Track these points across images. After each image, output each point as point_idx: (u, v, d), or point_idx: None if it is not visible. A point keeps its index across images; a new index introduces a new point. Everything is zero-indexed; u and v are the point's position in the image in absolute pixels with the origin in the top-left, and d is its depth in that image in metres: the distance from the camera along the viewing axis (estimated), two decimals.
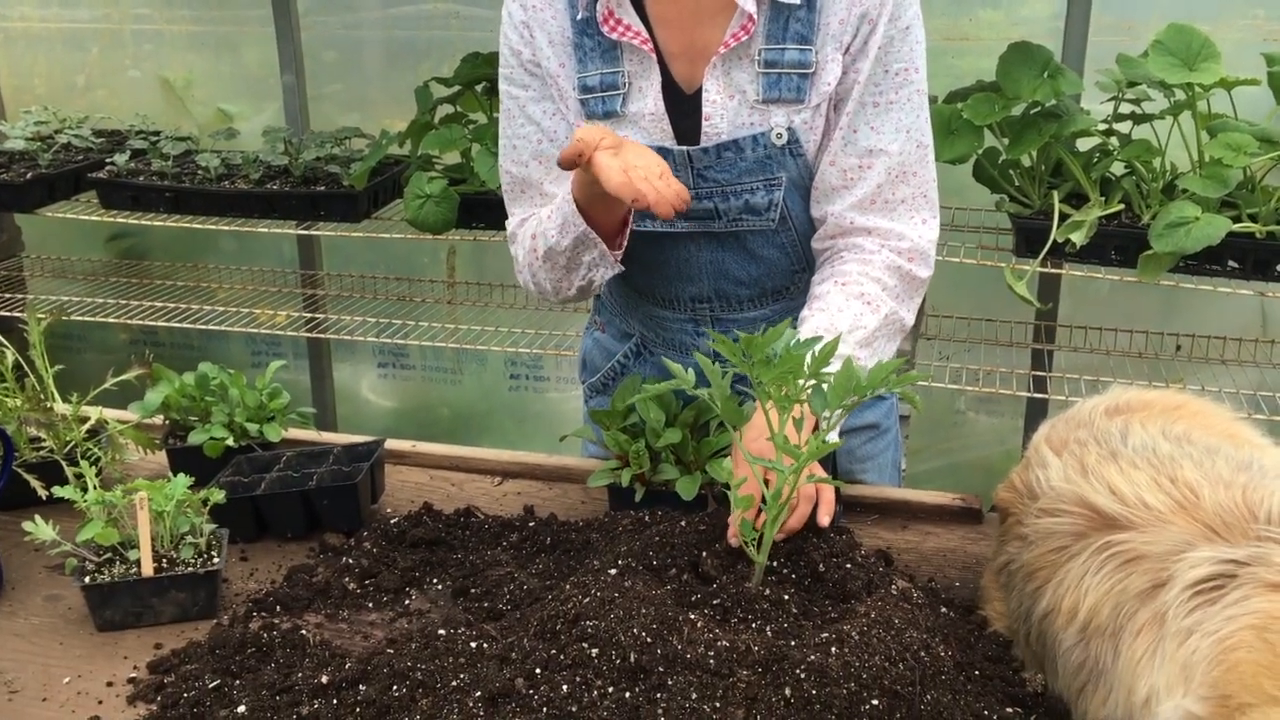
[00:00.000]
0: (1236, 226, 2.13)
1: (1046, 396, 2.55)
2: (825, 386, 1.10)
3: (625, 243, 1.49)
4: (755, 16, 1.40)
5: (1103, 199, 2.29)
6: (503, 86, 1.58)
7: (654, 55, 1.46)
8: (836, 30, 1.41)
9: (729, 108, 1.45)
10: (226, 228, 2.84)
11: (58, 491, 1.39)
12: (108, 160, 2.94)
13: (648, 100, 1.47)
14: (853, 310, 1.42)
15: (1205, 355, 2.68)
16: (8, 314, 3.00)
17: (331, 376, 3.62)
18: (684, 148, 1.47)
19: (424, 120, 2.65)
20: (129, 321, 3.01)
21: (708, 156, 1.47)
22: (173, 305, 3.08)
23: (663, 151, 1.47)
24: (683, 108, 1.47)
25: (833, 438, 1.20)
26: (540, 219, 1.54)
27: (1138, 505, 1.07)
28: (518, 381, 3.57)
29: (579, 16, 1.48)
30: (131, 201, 2.84)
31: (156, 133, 3.23)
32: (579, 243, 1.47)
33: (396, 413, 3.73)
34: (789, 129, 1.44)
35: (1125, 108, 2.36)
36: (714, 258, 1.56)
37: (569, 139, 1.54)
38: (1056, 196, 2.29)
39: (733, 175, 1.48)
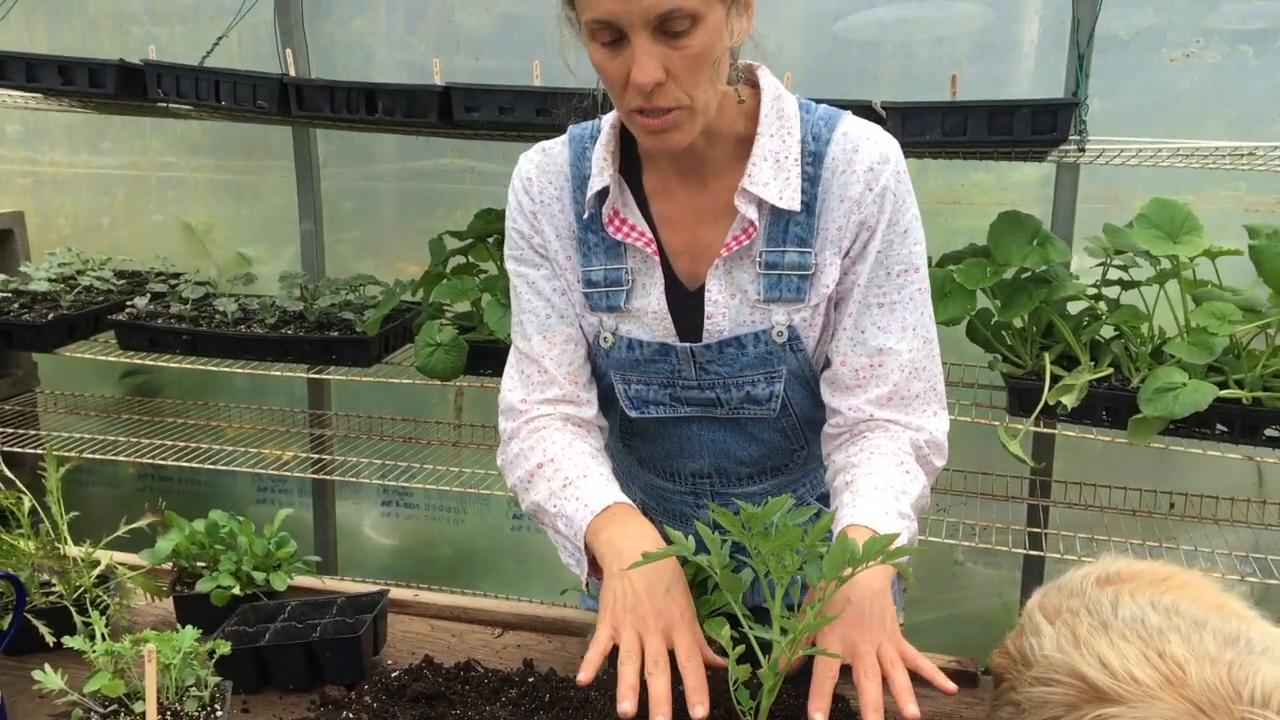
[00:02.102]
0: (1223, 392, 2.19)
1: (1042, 554, 2.57)
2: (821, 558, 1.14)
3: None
4: (756, 222, 1.45)
5: (1093, 362, 2.35)
6: (511, 266, 1.61)
7: (657, 256, 1.50)
8: (835, 236, 1.46)
9: (731, 306, 1.49)
10: (240, 370, 2.91)
11: (67, 641, 1.40)
12: (128, 303, 3.02)
13: (651, 298, 1.51)
14: (898, 477, 1.43)
15: (1199, 514, 2.71)
16: (19, 450, 3.04)
17: (334, 515, 3.64)
18: (687, 344, 1.51)
19: (436, 271, 2.74)
20: (138, 460, 3.05)
21: (710, 352, 1.51)
22: (182, 444, 3.12)
23: (665, 347, 1.52)
24: (685, 303, 1.51)
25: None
26: (554, 476, 1.49)
27: (1127, 679, 1.10)
28: (520, 521, 3.59)
29: (585, 215, 1.52)
30: (149, 343, 2.90)
31: (176, 275, 3.33)
32: (570, 547, 1.49)
33: (397, 551, 3.74)
34: (789, 326, 1.48)
35: (1113, 273, 2.45)
36: (715, 437, 1.60)
37: (576, 317, 1.58)
38: (1048, 358, 2.36)
39: (735, 369, 1.51)
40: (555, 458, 1.51)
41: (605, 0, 1.26)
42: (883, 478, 1.41)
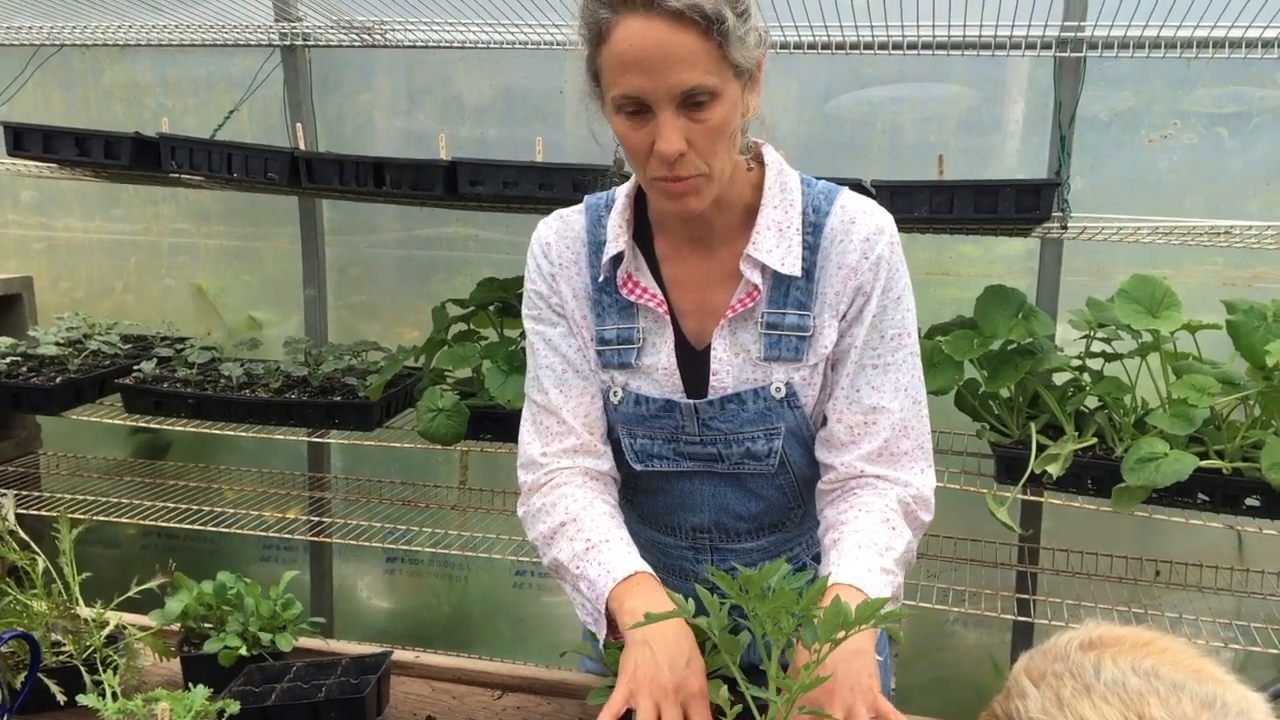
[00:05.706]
0: (1204, 463, 2.24)
1: (1031, 620, 2.61)
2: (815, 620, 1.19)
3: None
4: (760, 286, 1.53)
5: (1077, 432, 2.41)
6: (529, 325, 1.67)
7: (668, 317, 1.58)
8: (833, 300, 1.54)
9: (734, 364, 1.56)
10: (244, 434, 2.94)
11: (81, 699, 1.44)
12: (134, 367, 3.06)
13: (661, 356, 1.59)
14: (882, 534, 1.49)
15: (1184, 581, 2.75)
16: (23, 511, 3.07)
17: (331, 577, 3.66)
18: (691, 401, 1.58)
19: (439, 337, 2.80)
20: (142, 522, 3.08)
21: (713, 408, 1.57)
22: (184, 506, 3.14)
23: (670, 404, 1.59)
24: (692, 361, 1.58)
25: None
26: (576, 537, 1.54)
27: None
28: (523, 578, 3.60)
29: (600, 278, 1.60)
30: (154, 407, 2.94)
31: (182, 340, 3.38)
32: (589, 607, 1.52)
33: (392, 613, 3.75)
34: (787, 384, 1.55)
35: (1096, 346, 2.51)
36: (715, 492, 1.66)
37: (592, 373, 1.65)
38: (1034, 428, 2.42)
39: (735, 425, 1.58)
40: (577, 517, 1.56)
41: (633, 78, 1.35)
42: (867, 535, 1.48)
